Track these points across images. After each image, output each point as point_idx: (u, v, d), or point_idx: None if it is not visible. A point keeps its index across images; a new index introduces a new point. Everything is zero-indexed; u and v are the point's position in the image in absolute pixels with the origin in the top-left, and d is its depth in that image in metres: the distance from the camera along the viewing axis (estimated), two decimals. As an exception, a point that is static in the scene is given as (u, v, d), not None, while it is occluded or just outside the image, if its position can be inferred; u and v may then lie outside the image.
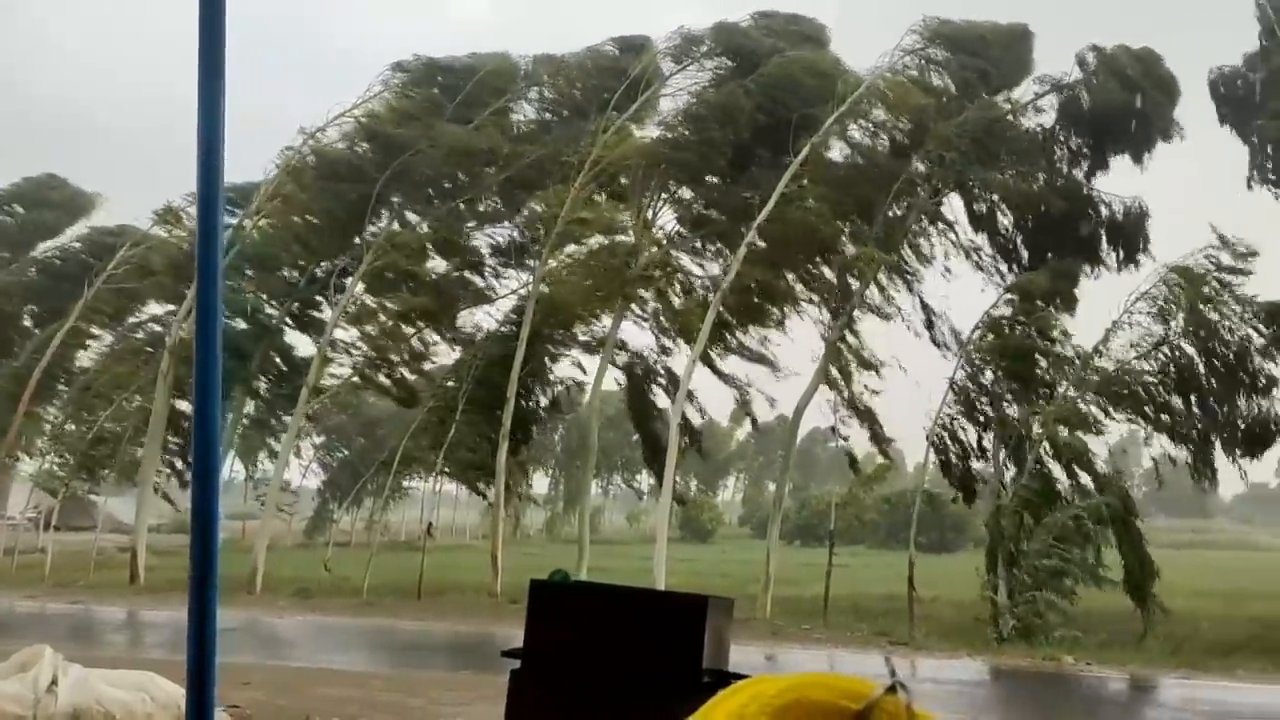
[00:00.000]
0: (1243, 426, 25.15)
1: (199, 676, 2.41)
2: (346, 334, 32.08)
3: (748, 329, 29.15)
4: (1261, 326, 24.55)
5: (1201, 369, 25.00)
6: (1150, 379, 25.08)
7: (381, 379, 33.13)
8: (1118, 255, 27.93)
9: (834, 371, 27.34)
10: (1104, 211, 28.03)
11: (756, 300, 28.51)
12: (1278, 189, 26.85)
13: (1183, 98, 28.22)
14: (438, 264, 32.56)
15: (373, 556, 29.23)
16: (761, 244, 26.84)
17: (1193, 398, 25.29)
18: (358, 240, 31.13)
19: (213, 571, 2.46)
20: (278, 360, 32.73)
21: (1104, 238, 27.96)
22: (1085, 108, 28.07)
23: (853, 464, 31.09)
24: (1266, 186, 27.02)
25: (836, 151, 29.17)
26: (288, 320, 32.09)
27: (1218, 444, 25.68)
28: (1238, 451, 25.60)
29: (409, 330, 32.07)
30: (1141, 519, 25.33)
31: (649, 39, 31.45)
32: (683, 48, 30.66)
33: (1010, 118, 28.47)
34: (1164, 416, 25.27)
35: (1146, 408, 25.20)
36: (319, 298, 32.40)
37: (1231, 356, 24.74)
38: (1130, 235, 27.87)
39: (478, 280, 32.69)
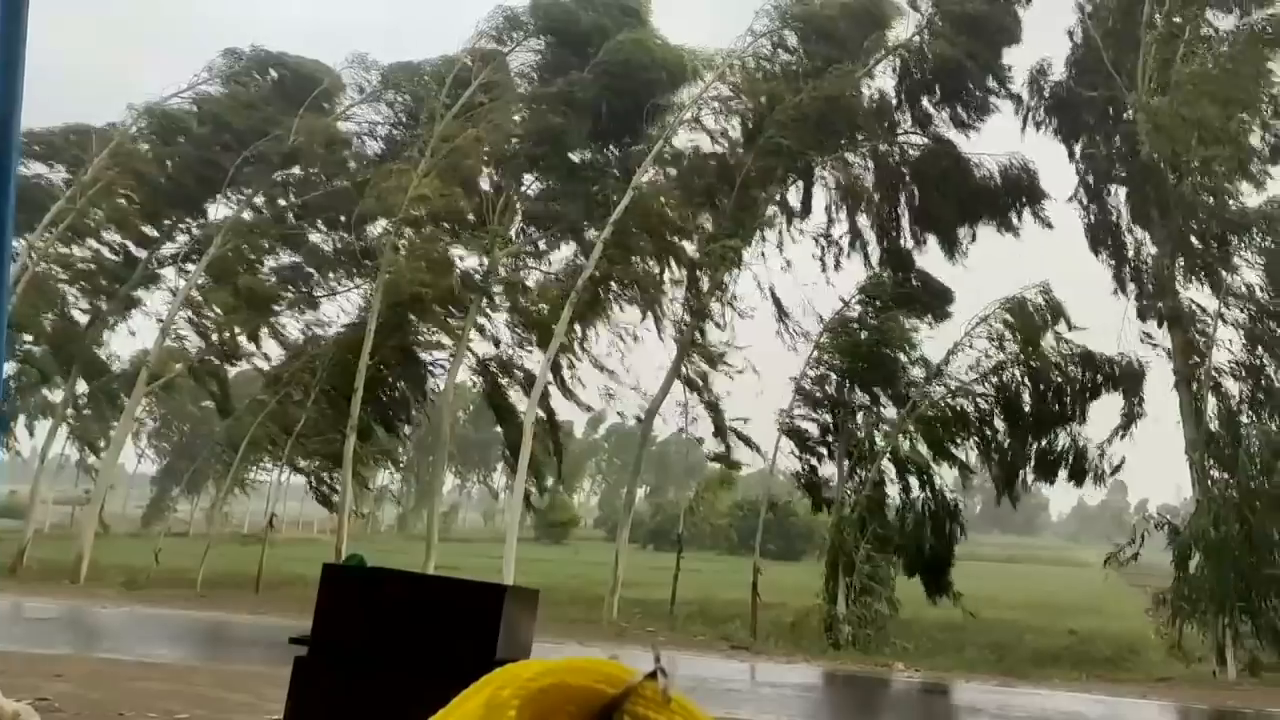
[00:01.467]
0: (1050, 455, 26.35)
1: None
2: (183, 321, 30.71)
3: (598, 325, 28.97)
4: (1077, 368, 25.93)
5: (1027, 396, 26.21)
6: (982, 401, 26.21)
7: (210, 371, 31.93)
8: (1017, 211, 28.09)
9: (687, 372, 27.58)
10: (976, 175, 27.97)
11: (610, 296, 28.58)
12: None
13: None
14: (280, 249, 31.72)
15: (209, 547, 28.13)
16: (612, 239, 26.55)
17: (1010, 423, 26.35)
18: (193, 224, 30.33)
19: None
20: (111, 345, 31.30)
21: (981, 206, 27.90)
22: (927, 66, 27.90)
23: (723, 460, 29.96)
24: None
25: (683, 138, 28.63)
26: (122, 303, 30.53)
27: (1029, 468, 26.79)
28: (1031, 476, 26.94)
29: (247, 317, 30.55)
30: (964, 530, 26.43)
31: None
32: (504, 28, 30.01)
33: (851, 91, 27.40)
34: (986, 435, 26.40)
35: (975, 427, 26.28)
36: (157, 279, 31.10)
37: (1051, 389, 25.99)
38: (1018, 192, 27.90)
39: (320, 269, 31.82)
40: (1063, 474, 26.19)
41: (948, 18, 27.51)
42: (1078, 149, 28.04)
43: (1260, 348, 24.53)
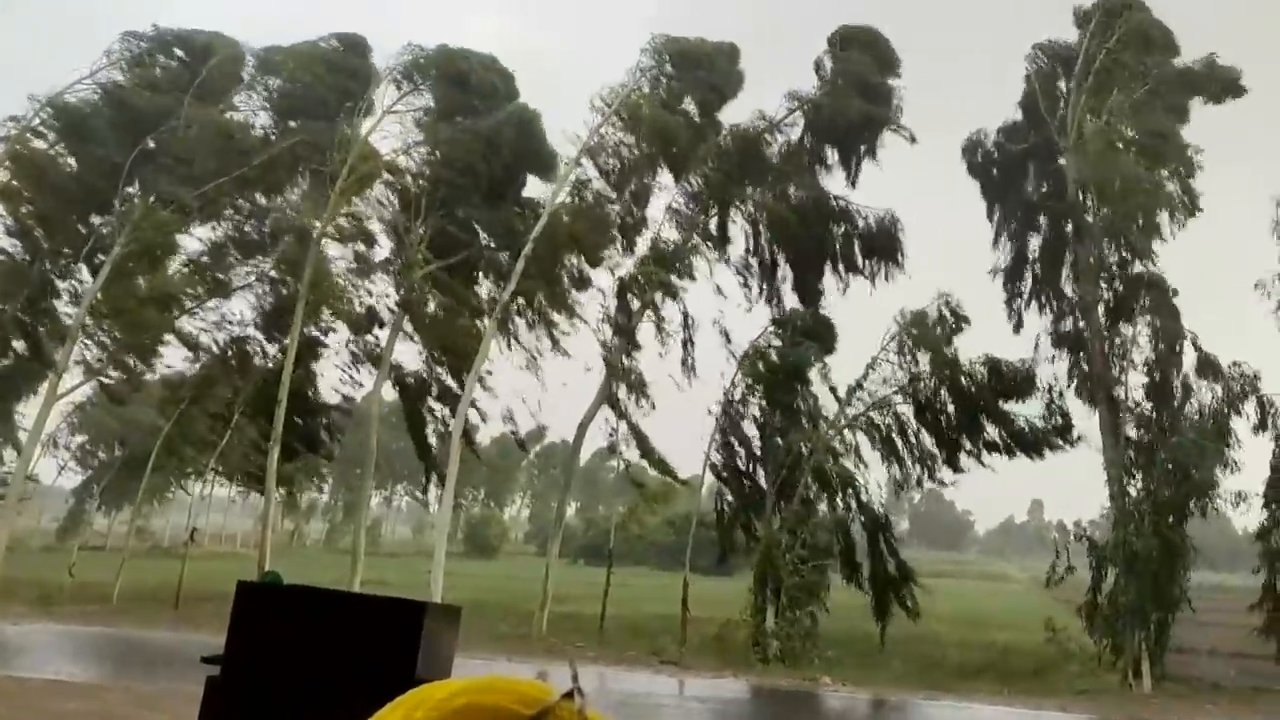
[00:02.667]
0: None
1: None
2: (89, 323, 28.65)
3: (521, 342, 29.08)
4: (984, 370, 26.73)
5: (948, 408, 26.86)
6: (899, 413, 26.77)
7: (111, 373, 29.68)
8: (873, 266, 29.23)
9: (615, 390, 27.69)
10: (858, 223, 29.27)
11: (533, 316, 28.81)
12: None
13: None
14: (189, 247, 29.97)
15: (125, 561, 27.38)
16: (531, 260, 26.95)
17: (937, 431, 27.06)
18: (98, 220, 28.38)
19: None
20: (16, 346, 29.47)
21: (858, 250, 29.18)
22: (827, 118, 29.26)
23: (634, 489, 31.10)
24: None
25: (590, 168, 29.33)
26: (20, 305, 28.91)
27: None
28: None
29: (157, 319, 28.90)
30: (896, 542, 26.82)
31: (368, 42, 30.73)
32: (411, 66, 30.02)
33: (767, 135, 29.34)
34: (906, 444, 26.94)
35: (895, 439, 26.80)
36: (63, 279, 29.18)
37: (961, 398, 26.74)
38: (885, 245, 29.19)
39: (232, 274, 30.17)
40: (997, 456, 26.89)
41: (849, 79, 29.13)
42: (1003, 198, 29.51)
43: (1172, 367, 25.37)
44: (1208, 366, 25.05)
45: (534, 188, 30.16)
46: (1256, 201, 28.52)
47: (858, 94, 28.84)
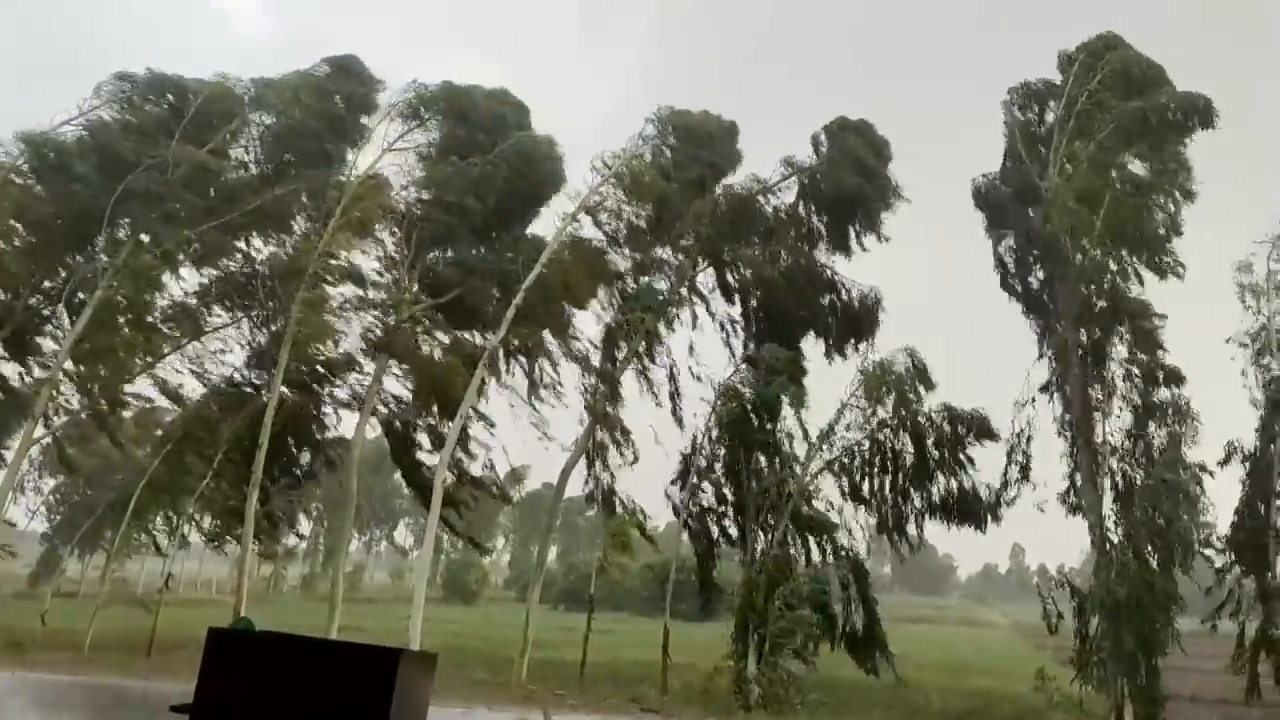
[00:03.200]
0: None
1: None
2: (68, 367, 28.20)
3: (508, 389, 29.02)
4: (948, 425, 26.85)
5: (908, 456, 26.93)
6: (865, 461, 26.81)
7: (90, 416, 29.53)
8: (853, 341, 29.72)
9: (598, 437, 27.69)
10: (842, 295, 29.87)
11: (521, 362, 28.96)
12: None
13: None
14: (173, 290, 29.45)
15: (99, 608, 26.93)
16: (522, 307, 26.95)
17: (897, 478, 27.03)
18: (80, 260, 28.05)
19: None
20: None
21: (838, 323, 29.78)
22: (821, 188, 30.11)
23: (610, 537, 30.93)
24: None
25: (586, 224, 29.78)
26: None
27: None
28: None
29: (139, 363, 28.85)
30: (871, 586, 26.70)
31: (376, 79, 30.92)
32: (414, 104, 30.06)
33: (760, 198, 30.25)
34: (873, 491, 26.94)
35: (862, 486, 26.85)
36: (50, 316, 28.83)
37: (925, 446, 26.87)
38: (865, 321, 29.74)
39: (219, 316, 29.96)
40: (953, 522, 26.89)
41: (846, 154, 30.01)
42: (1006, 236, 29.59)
43: (1150, 415, 25.48)
44: (1177, 410, 25.15)
45: (538, 224, 30.66)
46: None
47: (853, 170, 29.66)
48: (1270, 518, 25.99)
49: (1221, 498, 25.71)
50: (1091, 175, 26.42)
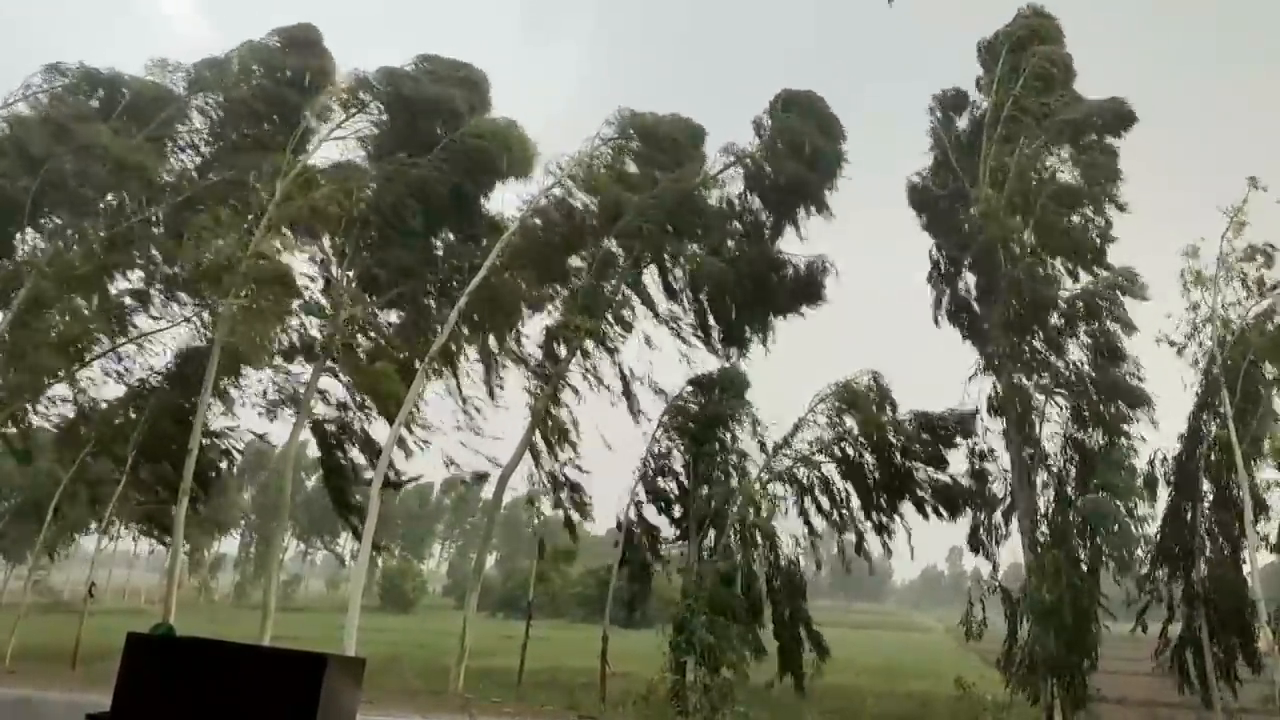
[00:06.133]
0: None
1: None
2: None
3: (445, 391, 28.63)
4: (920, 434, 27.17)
5: (868, 466, 27.24)
6: (826, 470, 27.08)
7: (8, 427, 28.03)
8: (803, 307, 29.71)
9: (538, 440, 27.49)
10: (789, 271, 29.67)
11: (462, 362, 28.47)
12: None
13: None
14: (105, 287, 28.40)
15: (21, 618, 26.06)
16: (466, 308, 26.55)
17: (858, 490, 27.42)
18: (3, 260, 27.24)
19: None
20: None
21: (786, 294, 29.61)
22: (767, 174, 29.77)
23: (540, 547, 31.18)
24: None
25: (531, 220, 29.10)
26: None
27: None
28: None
29: (58, 365, 27.48)
30: (806, 599, 26.87)
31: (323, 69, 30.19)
32: (352, 92, 29.23)
33: (701, 190, 29.55)
34: (832, 502, 27.24)
35: (820, 496, 27.10)
36: None
37: (890, 456, 27.19)
38: (813, 286, 29.65)
39: (139, 316, 28.85)
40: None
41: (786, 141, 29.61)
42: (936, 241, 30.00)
43: (1085, 422, 25.94)
44: (1109, 418, 25.61)
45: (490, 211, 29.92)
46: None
47: (794, 154, 29.20)
48: (1196, 521, 26.52)
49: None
50: (1019, 183, 26.79)
